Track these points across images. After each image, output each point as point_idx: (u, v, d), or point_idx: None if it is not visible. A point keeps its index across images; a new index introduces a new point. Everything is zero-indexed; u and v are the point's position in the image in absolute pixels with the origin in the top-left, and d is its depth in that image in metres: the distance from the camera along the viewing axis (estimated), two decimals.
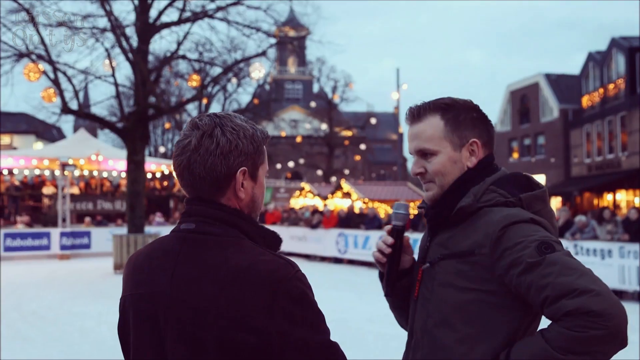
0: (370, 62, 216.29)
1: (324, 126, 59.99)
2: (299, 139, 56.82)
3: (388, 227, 2.11)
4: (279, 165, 59.47)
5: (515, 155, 44.82)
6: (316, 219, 22.04)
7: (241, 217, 1.69)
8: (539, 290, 1.74)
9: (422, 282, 2.05)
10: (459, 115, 2.03)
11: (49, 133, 45.02)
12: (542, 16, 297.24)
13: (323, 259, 21.34)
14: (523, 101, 43.90)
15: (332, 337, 1.62)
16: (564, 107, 39.68)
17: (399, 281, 2.14)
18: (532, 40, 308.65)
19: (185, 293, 1.59)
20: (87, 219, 23.92)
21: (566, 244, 13.60)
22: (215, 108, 56.60)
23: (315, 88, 66.48)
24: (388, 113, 71.74)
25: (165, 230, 20.74)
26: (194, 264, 1.62)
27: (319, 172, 59.03)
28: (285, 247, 22.67)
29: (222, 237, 1.65)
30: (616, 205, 34.07)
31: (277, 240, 1.77)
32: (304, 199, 34.25)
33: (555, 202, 37.57)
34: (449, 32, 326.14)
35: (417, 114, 2.06)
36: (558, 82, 41.16)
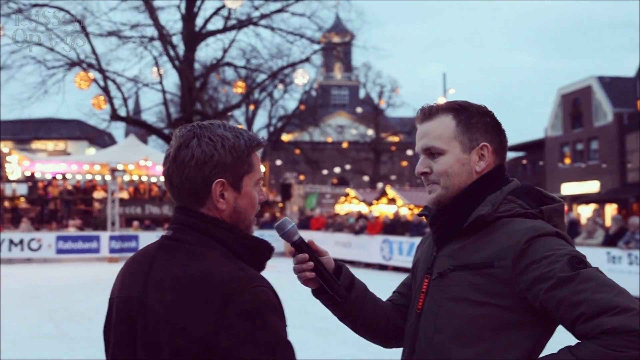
0: (417, 66, 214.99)
1: (370, 132, 59.78)
2: (345, 145, 56.69)
3: (291, 249, 1.99)
4: (325, 171, 59.43)
5: (567, 160, 43.85)
6: (360, 225, 21.96)
7: (218, 225, 1.67)
8: (572, 307, 1.64)
9: (427, 294, 1.92)
10: (472, 117, 1.95)
11: (101, 139, 46.09)
12: (594, 17, 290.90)
13: (368, 265, 21.24)
14: (575, 105, 42.94)
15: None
16: (619, 111, 38.65)
17: (339, 280, 2.02)
18: (584, 41, 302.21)
19: (152, 299, 1.59)
20: (136, 223, 24.39)
21: (619, 253, 13.24)
22: (262, 114, 57.05)
23: (362, 93, 66.28)
24: None
25: None
26: (162, 270, 1.62)
27: (365, 178, 58.81)
28: (329, 253, 22.77)
29: (192, 245, 1.63)
30: None
31: (265, 249, 1.72)
32: (349, 205, 34.15)
33: (611, 209, 36.64)
34: (499, 33, 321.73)
35: (429, 112, 1.99)
36: (612, 84, 40.14)
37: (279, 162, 55.29)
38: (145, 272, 1.65)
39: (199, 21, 19.32)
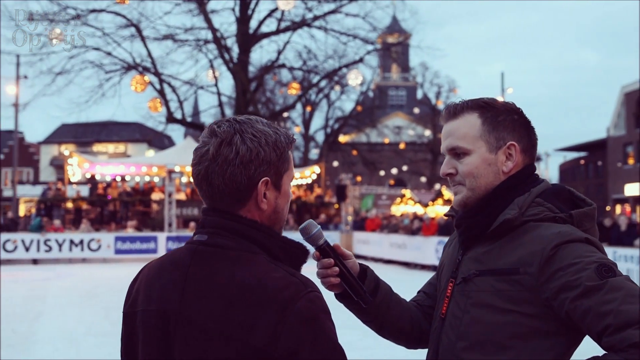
0: (476, 65, 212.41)
1: (428, 132, 59.30)
2: (402, 146, 56.32)
3: (316, 252, 1.88)
4: (382, 172, 59.20)
5: (631, 160, 42.41)
6: (415, 226, 21.74)
7: (258, 229, 1.56)
8: (599, 318, 1.55)
9: (452, 298, 1.85)
10: (499, 115, 1.85)
11: (160, 141, 47.09)
12: None
13: (423, 267, 21.00)
14: (639, 103, 41.52)
15: None
16: None
17: (364, 284, 1.95)
18: None
19: (193, 311, 1.48)
20: (192, 224, 24.78)
21: None
22: (319, 116, 57.26)
23: (419, 94, 65.81)
24: None
25: None
26: (202, 279, 1.51)
27: (423, 179, 58.35)
28: (384, 254, 22.65)
29: (233, 251, 1.52)
30: None
31: (301, 253, 1.61)
32: (405, 206, 33.90)
33: None
34: (561, 31, 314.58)
35: (454, 111, 1.90)
36: None
37: (335, 164, 55.36)
38: (181, 281, 1.53)
39: (253, 23, 19.46)
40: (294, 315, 1.41)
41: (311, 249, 1.85)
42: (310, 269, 1.60)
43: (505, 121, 1.85)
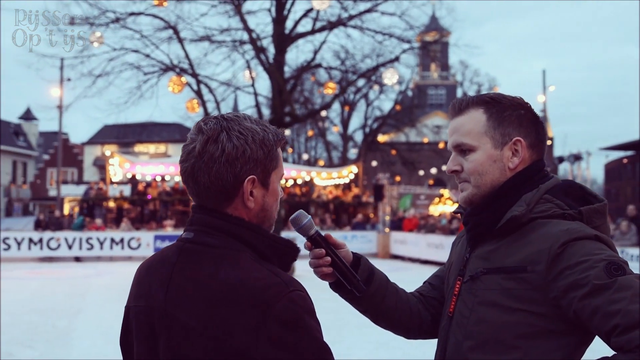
0: (516, 63, 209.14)
1: None
2: (441, 145, 55.73)
3: (307, 243, 1.87)
4: (421, 172, 58.78)
5: None
6: (453, 226, 21.58)
7: (245, 226, 1.56)
8: (606, 317, 1.52)
9: (459, 297, 1.84)
10: (504, 110, 1.83)
11: None
12: None
13: None
14: None
15: None
16: None
17: (358, 273, 1.94)
18: None
19: (177, 309, 1.49)
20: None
21: None
22: (357, 115, 57.14)
23: (459, 93, 65.17)
24: None
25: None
26: (187, 277, 1.51)
27: None
28: (421, 254, 22.52)
29: (219, 249, 1.52)
30: None
31: (291, 250, 1.61)
32: (443, 206, 33.61)
33: None
34: (605, 26, 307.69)
35: (460, 107, 1.88)
36: None
37: (374, 163, 55.17)
38: (166, 279, 1.54)
39: (289, 24, 19.53)
40: (274, 316, 1.40)
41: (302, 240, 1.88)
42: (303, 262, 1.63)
43: (511, 116, 1.82)
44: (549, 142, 63.42)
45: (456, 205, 2.03)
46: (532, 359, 1.65)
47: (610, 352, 1.54)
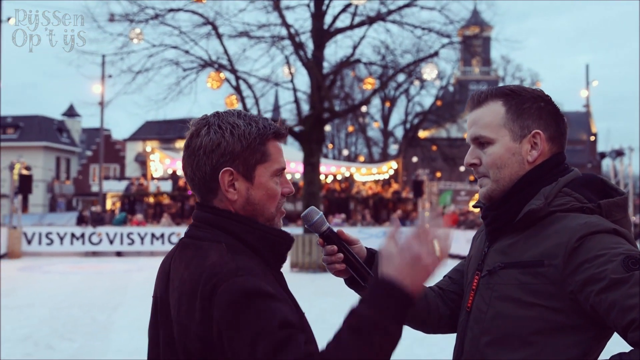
0: (560, 58, 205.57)
1: None
2: None
3: (319, 239, 1.87)
4: (462, 168, 58.16)
5: None
6: None
7: (231, 218, 1.62)
8: (623, 312, 1.49)
9: (477, 291, 1.81)
10: (524, 103, 1.79)
11: None
12: None
13: None
14: None
15: None
16: None
17: (372, 269, 1.90)
18: None
19: (169, 300, 1.59)
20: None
21: None
22: (398, 111, 56.85)
23: None
24: (579, 112, 67.44)
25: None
26: (176, 270, 1.61)
27: None
28: (460, 250, 22.28)
29: (202, 242, 1.60)
30: None
31: (283, 240, 1.66)
32: None
33: None
34: None
35: (479, 99, 1.85)
36: None
37: (415, 159, 54.86)
38: (167, 271, 1.65)
39: (328, 19, 19.46)
40: (217, 301, 1.44)
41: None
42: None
43: (531, 109, 1.79)
44: (592, 138, 62.45)
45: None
46: (549, 355, 1.62)
47: (628, 348, 1.51)
